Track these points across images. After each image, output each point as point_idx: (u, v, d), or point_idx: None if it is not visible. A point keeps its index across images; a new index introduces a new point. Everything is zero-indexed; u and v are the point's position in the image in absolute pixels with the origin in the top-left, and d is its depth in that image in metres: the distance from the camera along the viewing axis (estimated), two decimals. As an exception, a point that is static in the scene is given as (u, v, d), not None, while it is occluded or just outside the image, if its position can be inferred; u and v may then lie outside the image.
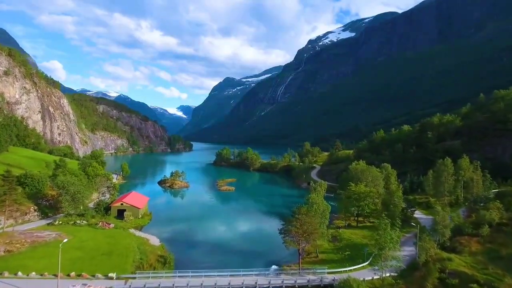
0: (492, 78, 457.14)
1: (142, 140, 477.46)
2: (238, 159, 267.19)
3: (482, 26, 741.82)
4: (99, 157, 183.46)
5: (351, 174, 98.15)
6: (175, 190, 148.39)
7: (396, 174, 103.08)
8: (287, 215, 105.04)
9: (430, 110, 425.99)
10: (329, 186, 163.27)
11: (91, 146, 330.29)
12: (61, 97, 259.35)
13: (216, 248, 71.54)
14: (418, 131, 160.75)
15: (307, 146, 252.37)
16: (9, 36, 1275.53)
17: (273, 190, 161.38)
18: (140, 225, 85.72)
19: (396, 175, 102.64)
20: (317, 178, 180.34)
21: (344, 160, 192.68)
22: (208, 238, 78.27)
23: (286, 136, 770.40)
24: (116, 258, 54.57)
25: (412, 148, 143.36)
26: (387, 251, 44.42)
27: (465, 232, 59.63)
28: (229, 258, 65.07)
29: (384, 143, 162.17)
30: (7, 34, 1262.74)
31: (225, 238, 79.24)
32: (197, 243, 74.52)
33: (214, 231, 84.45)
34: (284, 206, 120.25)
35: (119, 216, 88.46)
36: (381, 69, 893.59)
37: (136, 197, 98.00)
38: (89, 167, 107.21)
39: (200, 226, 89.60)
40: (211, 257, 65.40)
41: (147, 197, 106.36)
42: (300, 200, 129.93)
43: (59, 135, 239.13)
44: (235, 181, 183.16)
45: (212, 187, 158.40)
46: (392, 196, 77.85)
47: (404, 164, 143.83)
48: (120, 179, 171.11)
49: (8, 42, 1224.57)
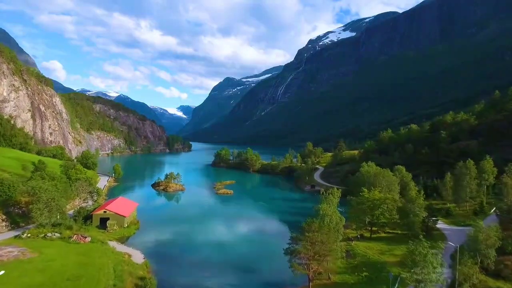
0: (495, 77, 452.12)
1: (140, 140, 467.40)
2: (238, 160, 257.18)
3: (484, 25, 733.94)
4: (90, 158, 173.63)
5: (363, 178, 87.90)
6: (169, 193, 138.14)
7: (411, 177, 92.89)
8: (291, 224, 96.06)
9: (433, 110, 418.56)
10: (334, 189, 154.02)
11: (86, 146, 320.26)
12: (53, 95, 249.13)
13: (209, 265, 61.36)
14: (429, 130, 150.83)
15: (310, 147, 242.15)
16: (8, 36, 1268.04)
17: (274, 193, 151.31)
18: (124, 236, 75.60)
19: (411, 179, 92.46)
20: (321, 180, 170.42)
21: (349, 161, 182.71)
22: (201, 254, 68.09)
23: (286, 136, 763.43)
24: (84, 285, 44.43)
25: (424, 148, 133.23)
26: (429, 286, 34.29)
27: (508, 251, 49.56)
28: (224, 279, 55.00)
29: (393, 143, 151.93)
30: (6, 34, 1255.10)
31: (220, 253, 68.99)
32: (187, 259, 64.31)
33: (208, 244, 74.22)
34: (286, 212, 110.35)
35: (101, 225, 78.47)
36: (382, 68, 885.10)
37: (122, 203, 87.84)
38: (72, 169, 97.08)
39: (193, 237, 79.40)
40: (203, 278, 55.31)
41: (136, 202, 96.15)
42: (303, 205, 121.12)
43: (50, 134, 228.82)
44: (234, 183, 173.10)
45: (209, 190, 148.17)
46: (413, 204, 67.63)
47: (415, 166, 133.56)
48: (111, 181, 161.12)
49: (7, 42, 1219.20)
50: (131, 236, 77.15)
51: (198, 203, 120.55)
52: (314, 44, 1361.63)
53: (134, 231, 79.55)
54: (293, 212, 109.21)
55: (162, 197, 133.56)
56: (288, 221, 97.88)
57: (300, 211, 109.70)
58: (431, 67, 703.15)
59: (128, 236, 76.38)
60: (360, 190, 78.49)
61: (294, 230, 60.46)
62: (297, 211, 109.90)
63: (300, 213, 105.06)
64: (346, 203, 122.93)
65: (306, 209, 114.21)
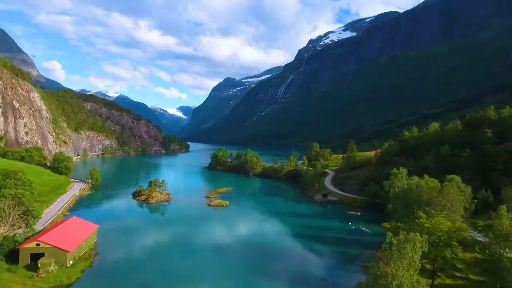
0: (499, 77, 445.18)
1: (134, 141, 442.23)
2: (236, 162, 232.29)
3: (487, 25, 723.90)
4: (63, 162, 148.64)
5: (411, 195, 62.13)
6: (151, 205, 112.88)
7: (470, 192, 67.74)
8: (307, 255, 70.61)
9: (438, 110, 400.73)
10: (351, 199, 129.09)
11: (72, 148, 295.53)
12: (30, 90, 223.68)
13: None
14: (464, 128, 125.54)
15: (316, 148, 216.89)
16: (7, 35, 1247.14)
17: (279, 205, 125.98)
18: (62, 283, 50.57)
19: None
20: (333, 187, 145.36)
21: (364, 164, 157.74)
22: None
23: (286, 136, 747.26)
24: None
25: (464, 151, 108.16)
26: None
27: None
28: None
29: (421, 144, 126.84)
30: (5, 34, 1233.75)
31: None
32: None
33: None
34: (300, 235, 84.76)
35: (33, 263, 53.55)
36: (383, 68, 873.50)
37: (69, 229, 62.79)
38: (13, 179, 72.01)
39: (168, 283, 54.30)
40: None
41: (95, 225, 71.05)
42: (319, 224, 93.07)
43: (26, 134, 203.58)
44: (231, 190, 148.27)
45: (201, 201, 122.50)
46: (507, 240, 42.68)
47: (451, 172, 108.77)
48: (86, 188, 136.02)
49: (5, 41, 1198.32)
50: (75, 282, 52.09)
51: (183, 221, 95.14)
52: (315, 44, 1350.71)
53: (79, 274, 54.15)
54: (307, 236, 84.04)
55: (140, 210, 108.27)
56: (303, 249, 73.14)
57: (317, 234, 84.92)
58: (433, 67, 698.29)
59: (69, 284, 51.24)
60: (406, 214, 53.51)
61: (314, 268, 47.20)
62: (313, 234, 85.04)
63: (318, 238, 79.99)
64: (371, 218, 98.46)
65: (323, 230, 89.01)
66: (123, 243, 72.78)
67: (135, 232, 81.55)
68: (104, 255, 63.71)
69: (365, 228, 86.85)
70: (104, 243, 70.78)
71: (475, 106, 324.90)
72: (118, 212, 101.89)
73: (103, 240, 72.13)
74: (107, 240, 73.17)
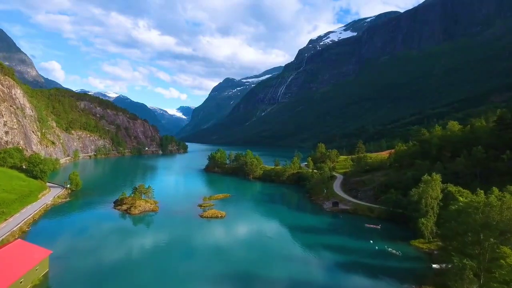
0: (502, 76, 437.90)
1: (130, 141, 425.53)
2: (235, 164, 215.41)
3: (489, 24, 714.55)
4: (38, 164, 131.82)
5: (476, 217, 43.56)
6: (133, 216, 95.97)
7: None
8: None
9: (442, 110, 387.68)
10: (366, 208, 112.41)
11: (61, 148, 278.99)
12: (12, 87, 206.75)
13: None
14: (495, 127, 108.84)
15: (322, 149, 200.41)
16: (5, 35, 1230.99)
17: (283, 215, 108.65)
18: None
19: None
20: (343, 193, 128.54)
21: (378, 167, 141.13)
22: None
23: (287, 137, 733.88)
24: None
25: (503, 152, 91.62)
26: None
27: None
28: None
29: (448, 144, 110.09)
30: (3, 33, 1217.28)
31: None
32: None
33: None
34: (307, 261, 67.28)
35: None
36: (385, 68, 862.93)
37: (5, 259, 46.00)
38: None
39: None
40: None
41: (47, 250, 54.19)
42: (335, 243, 73.36)
43: (6, 134, 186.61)
44: (229, 196, 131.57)
45: (192, 211, 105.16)
46: None
47: (486, 178, 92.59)
48: (63, 195, 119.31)
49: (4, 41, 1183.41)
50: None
51: (169, 238, 78.17)
52: (315, 44, 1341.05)
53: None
54: (321, 260, 67.11)
55: (119, 224, 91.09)
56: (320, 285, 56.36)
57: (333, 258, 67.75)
58: (435, 66, 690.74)
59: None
60: (463, 244, 36.65)
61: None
62: (328, 258, 68.21)
63: (336, 265, 62.30)
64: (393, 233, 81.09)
65: (340, 251, 69.71)
66: (86, 273, 55.91)
67: (105, 257, 64.49)
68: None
69: (393, 249, 70.14)
70: (60, 274, 54.16)
71: (481, 106, 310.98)
72: (90, 227, 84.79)
73: (60, 269, 55.46)
74: (66, 267, 56.54)
